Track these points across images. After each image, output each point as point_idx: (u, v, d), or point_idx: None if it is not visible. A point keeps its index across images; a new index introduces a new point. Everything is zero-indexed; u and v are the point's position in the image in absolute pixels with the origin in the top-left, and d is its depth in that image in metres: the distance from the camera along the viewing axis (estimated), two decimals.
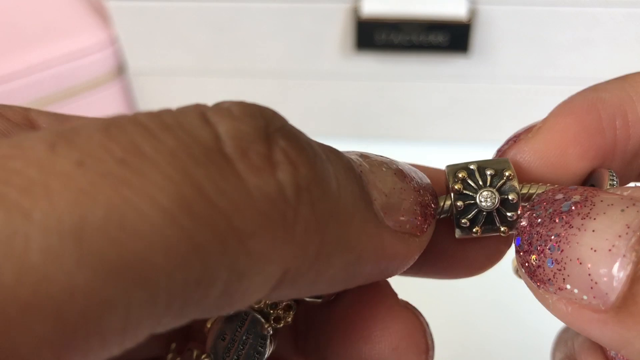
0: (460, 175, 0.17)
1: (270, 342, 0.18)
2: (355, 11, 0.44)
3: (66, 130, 0.11)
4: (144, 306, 0.11)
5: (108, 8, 0.46)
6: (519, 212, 0.17)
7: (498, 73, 0.48)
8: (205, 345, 0.18)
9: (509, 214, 0.17)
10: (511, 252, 0.20)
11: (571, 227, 0.15)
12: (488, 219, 0.17)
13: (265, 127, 0.13)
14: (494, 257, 0.19)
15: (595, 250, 0.14)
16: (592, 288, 0.14)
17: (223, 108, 0.13)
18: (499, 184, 0.17)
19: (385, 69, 0.48)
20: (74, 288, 0.10)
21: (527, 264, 0.16)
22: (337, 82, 0.49)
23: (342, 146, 0.16)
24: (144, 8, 0.46)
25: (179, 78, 0.50)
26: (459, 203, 0.17)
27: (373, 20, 0.44)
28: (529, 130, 0.19)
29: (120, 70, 0.50)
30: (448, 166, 0.18)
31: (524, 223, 0.16)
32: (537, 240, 0.15)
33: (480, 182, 0.17)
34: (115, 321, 0.10)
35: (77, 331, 0.10)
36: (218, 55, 0.48)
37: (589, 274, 0.14)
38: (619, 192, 0.15)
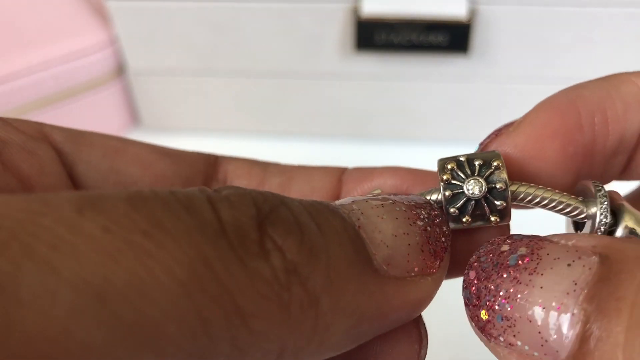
0: (449, 167, 0.18)
1: None
2: (355, 11, 0.44)
3: (92, 195, 0.12)
4: None
5: (108, 8, 0.46)
6: (508, 200, 0.17)
7: (498, 73, 0.48)
8: None
9: (497, 202, 0.17)
10: None
11: (519, 282, 0.15)
12: (477, 208, 0.18)
13: (257, 215, 0.14)
14: None
15: (544, 308, 0.14)
16: (542, 346, 0.14)
17: (222, 196, 0.14)
18: (487, 174, 0.17)
19: (385, 69, 0.48)
20: (91, 346, 0.10)
21: (476, 318, 0.16)
22: (337, 82, 0.49)
23: (342, 146, 0.16)
24: (144, 8, 0.46)
25: (179, 78, 0.50)
26: (447, 193, 0.17)
27: (373, 20, 0.44)
28: (510, 125, 0.19)
29: (120, 70, 0.50)
30: (439, 159, 0.18)
31: (471, 276, 0.16)
32: (486, 295, 0.15)
33: (469, 172, 0.18)
34: None
35: None
36: (218, 55, 0.48)
37: (539, 332, 0.14)
38: (563, 241, 0.15)
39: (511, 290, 0.15)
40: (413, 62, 0.47)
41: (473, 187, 0.17)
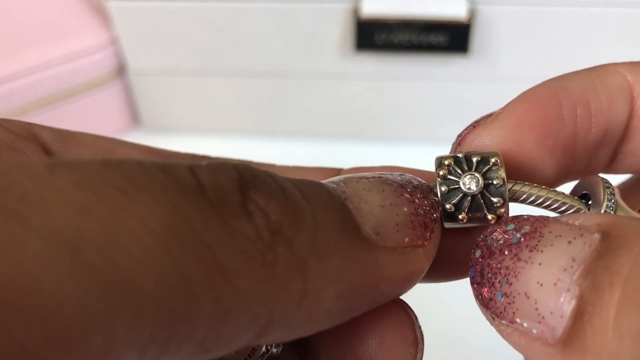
0: (446, 162, 0.18)
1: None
2: (355, 11, 0.44)
3: (66, 158, 0.12)
4: (129, 330, 0.11)
5: (108, 8, 0.46)
6: (506, 197, 0.17)
7: (498, 73, 0.48)
8: None
9: (494, 199, 0.17)
10: None
11: (519, 259, 0.15)
12: (474, 205, 0.17)
13: (239, 179, 0.13)
14: None
15: (541, 284, 0.14)
16: (539, 322, 0.14)
17: (203, 165, 0.14)
18: (484, 170, 0.17)
19: (385, 69, 0.48)
20: (63, 298, 0.10)
21: (480, 296, 0.16)
22: (337, 82, 0.49)
23: (342, 146, 0.16)
24: (144, 8, 0.46)
25: (179, 78, 0.50)
26: (443, 188, 0.17)
27: (373, 21, 0.44)
28: (488, 116, 0.19)
29: (120, 70, 0.50)
30: (437, 157, 0.18)
31: (477, 254, 0.16)
32: (488, 272, 0.15)
33: (466, 168, 0.17)
34: (99, 341, 0.10)
35: (59, 345, 0.10)
36: (218, 55, 0.48)
37: (536, 309, 0.14)
38: (571, 221, 0.15)
39: (511, 267, 0.15)
40: (413, 62, 0.47)
41: (469, 182, 0.17)
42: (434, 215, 0.17)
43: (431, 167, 0.21)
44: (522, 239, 0.15)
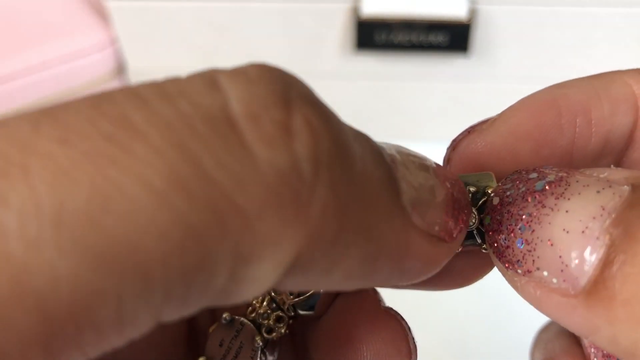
0: None
1: (263, 354, 0.18)
2: (355, 11, 0.44)
3: (54, 107, 0.10)
4: (139, 296, 0.10)
5: (108, 8, 0.46)
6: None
7: (498, 73, 0.48)
8: (205, 348, 0.18)
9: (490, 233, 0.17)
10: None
11: (544, 206, 0.14)
12: (468, 236, 0.17)
13: (286, 90, 0.11)
14: (482, 269, 0.19)
15: (567, 232, 0.13)
16: (562, 271, 0.13)
17: (239, 71, 0.11)
18: (479, 203, 0.17)
19: (385, 69, 0.48)
20: (57, 279, 0.09)
21: (495, 244, 0.15)
22: (337, 82, 0.49)
23: None
24: (144, 8, 0.46)
25: None
26: None
27: (373, 20, 0.44)
28: (484, 122, 0.18)
29: (120, 70, 0.50)
30: None
31: (494, 202, 0.16)
32: (508, 219, 0.15)
33: None
34: (109, 313, 0.10)
35: (66, 326, 0.09)
36: (218, 55, 0.48)
37: (560, 256, 0.14)
38: (595, 174, 0.14)
39: (534, 214, 0.14)
40: (413, 62, 0.47)
41: None
42: (465, 217, 0.16)
43: None
44: (547, 187, 0.14)
